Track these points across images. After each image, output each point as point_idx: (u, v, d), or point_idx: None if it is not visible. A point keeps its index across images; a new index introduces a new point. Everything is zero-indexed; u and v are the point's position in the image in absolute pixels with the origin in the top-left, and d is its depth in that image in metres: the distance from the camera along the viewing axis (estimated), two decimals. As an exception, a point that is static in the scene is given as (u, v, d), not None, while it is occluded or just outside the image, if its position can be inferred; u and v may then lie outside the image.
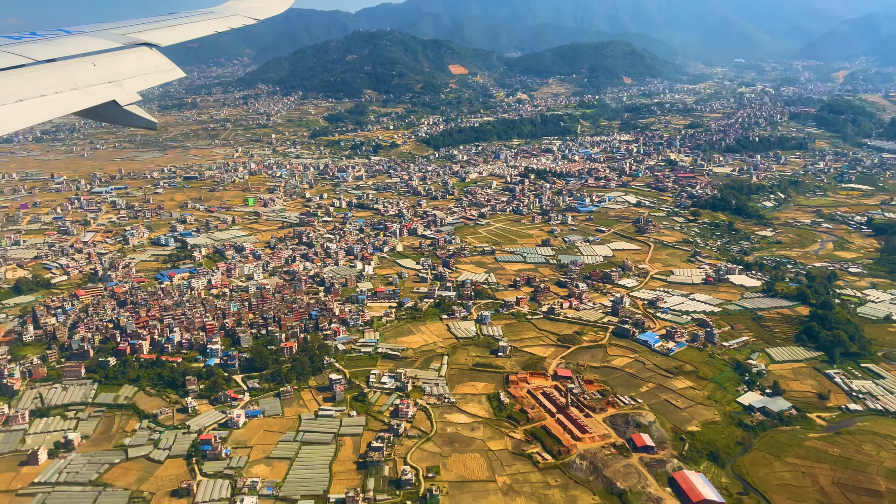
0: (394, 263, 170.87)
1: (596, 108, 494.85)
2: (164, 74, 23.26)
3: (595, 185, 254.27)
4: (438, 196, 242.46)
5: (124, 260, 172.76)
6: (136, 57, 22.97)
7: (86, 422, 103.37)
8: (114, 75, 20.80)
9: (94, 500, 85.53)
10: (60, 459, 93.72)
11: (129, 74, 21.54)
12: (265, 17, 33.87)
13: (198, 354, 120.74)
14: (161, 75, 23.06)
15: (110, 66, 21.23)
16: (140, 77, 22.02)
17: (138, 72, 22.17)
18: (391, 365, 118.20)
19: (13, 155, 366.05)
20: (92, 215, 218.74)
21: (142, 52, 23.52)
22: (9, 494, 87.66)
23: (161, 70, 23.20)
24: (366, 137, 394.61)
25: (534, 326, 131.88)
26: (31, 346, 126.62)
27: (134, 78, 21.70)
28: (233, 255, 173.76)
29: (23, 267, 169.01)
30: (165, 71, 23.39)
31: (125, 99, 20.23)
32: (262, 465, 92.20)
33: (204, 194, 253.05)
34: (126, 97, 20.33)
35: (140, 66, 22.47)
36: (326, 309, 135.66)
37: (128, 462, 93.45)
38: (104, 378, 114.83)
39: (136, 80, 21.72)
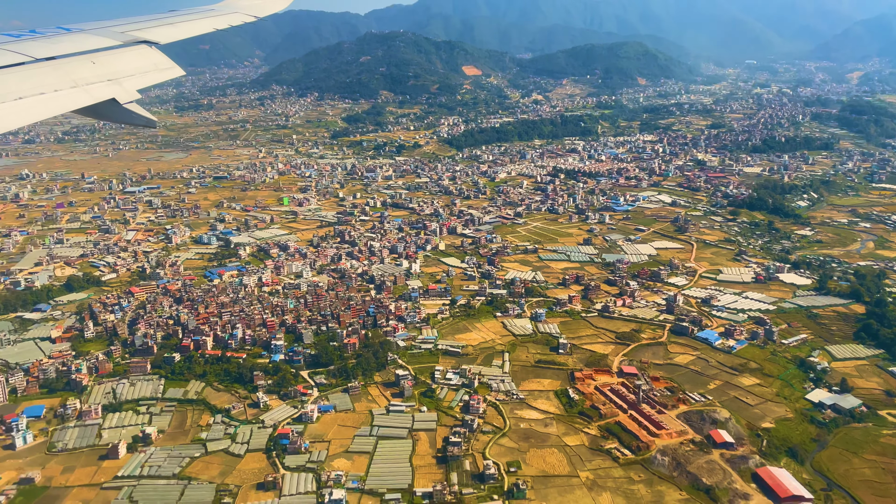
0: (438, 262, 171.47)
1: (614, 109, 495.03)
2: (164, 73, 23.17)
3: (626, 184, 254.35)
4: (471, 196, 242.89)
5: (170, 258, 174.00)
6: (135, 55, 22.89)
7: (159, 416, 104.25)
8: (113, 73, 20.73)
9: (180, 493, 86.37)
10: (140, 453, 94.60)
11: (128, 72, 21.47)
12: (265, 15, 33.92)
13: (261, 350, 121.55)
14: (161, 73, 22.98)
15: (110, 64, 21.16)
16: (140, 75, 21.96)
17: (138, 70, 22.09)
18: (452, 361, 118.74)
19: (38, 155, 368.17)
20: (130, 214, 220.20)
21: (141, 50, 23.42)
22: (93, 488, 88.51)
23: (161, 68, 23.11)
24: (387, 138, 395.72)
25: (589, 324, 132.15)
26: (93, 342, 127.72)
27: (133, 76, 21.61)
28: (278, 253, 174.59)
29: (71, 265, 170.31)
30: (165, 69, 23.29)
31: (125, 97, 20.14)
32: (342, 458, 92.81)
33: (236, 194, 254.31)
34: (125, 95, 20.24)
35: (140, 65, 22.40)
36: (382, 306, 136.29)
37: (208, 456, 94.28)
38: (170, 374, 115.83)
39: (135, 78, 21.64)
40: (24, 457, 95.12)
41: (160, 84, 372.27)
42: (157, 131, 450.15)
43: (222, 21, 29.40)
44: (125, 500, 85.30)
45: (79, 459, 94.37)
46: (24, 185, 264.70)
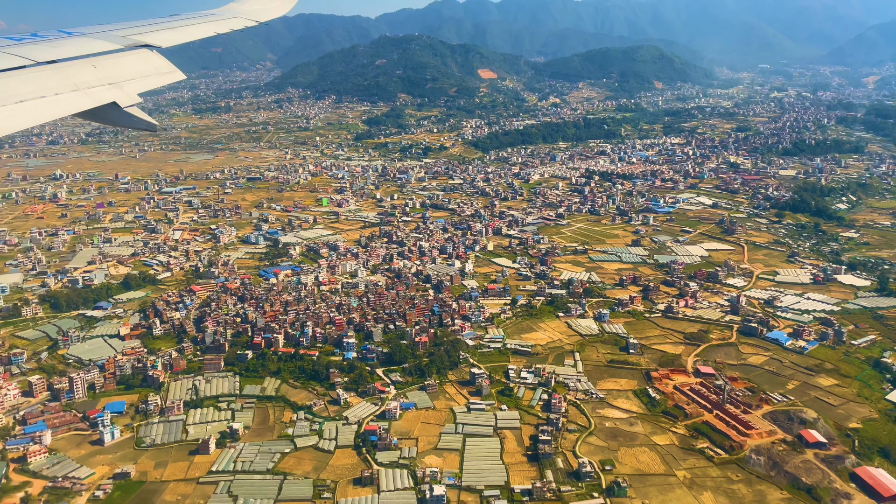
0: (489, 262, 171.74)
1: (634, 112, 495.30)
2: (165, 76, 23.16)
3: (662, 186, 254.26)
4: (508, 197, 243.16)
5: (221, 257, 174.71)
6: (136, 59, 22.94)
7: (241, 413, 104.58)
8: (114, 77, 20.73)
9: (278, 488, 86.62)
10: (230, 449, 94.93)
11: (129, 76, 21.48)
12: (266, 20, 33.98)
13: (333, 348, 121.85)
14: (161, 77, 22.97)
15: (111, 67, 21.15)
16: (140, 79, 21.96)
17: (139, 74, 22.09)
18: (523, 361, 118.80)
19: (65, 156, 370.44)
20: (172, 214, 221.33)
21: (142, 53, 23.49)
22: (189, 483, 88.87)
23: (161, 72, 23.12)
24: (412, 140, 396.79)
25: (655, 325, 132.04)
26: (162, 339, 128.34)
27: (134, 80, 21.61)
28: (329, 253, 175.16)
29: (124, 263, 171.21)
30: (166, 73, 23.28)
31: (125, 101, 20.15)
32: (433, 455, 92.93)
33: (273, 194, 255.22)
34: (126, 99, 20.24)
35: (140, 68, 22.44)
36: (446, 305, 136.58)
37: (297, 452, 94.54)
38: (244, 371, 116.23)
39: (136, 81, 21.65)
40: (113, 452, 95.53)
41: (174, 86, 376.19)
42: (180, 133, 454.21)
43: (223, 25, 29.65)
44: (224, 495, 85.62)
45: (169, 454, 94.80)
46: (60, 185, 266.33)
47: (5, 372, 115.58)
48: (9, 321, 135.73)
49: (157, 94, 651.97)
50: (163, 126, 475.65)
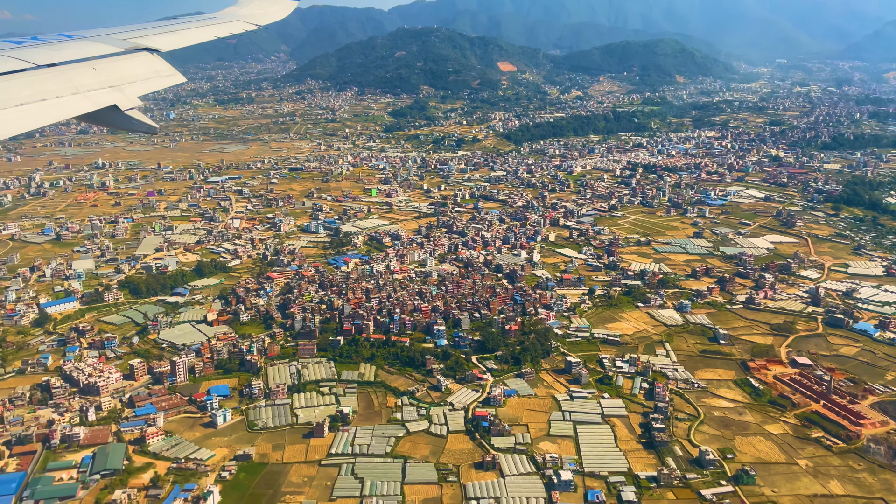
0: (553, 252, 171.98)
1: (661, 106, 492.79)
2: (166, 79, 23.18)
3: (708, 179, 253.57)
4: (556, 188, 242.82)
5: (285, 246, 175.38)
6: (137, 62, 22.96)
7: (345, 398, 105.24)
8: (115, 80, 20.75)
9: (401, 471, 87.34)
10: (343, 432, 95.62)
11: (129, 79, 21.51)
12: (266, 24, 33.84)
13: (423, 335, 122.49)
14: (162, 80, 22.98)
15: (111, 70, 21.17)
16: (141, 82, 21.99)
17: (139, 77, 22.13)
18: (613, 350, 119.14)
19: (98, 145, 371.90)
20: (225, 203, 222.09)
21: (143, 57, 23.47)
22: (311, 465, 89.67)
23: (162, 75, 23.14)
24: (442, 132, 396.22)
25: (738, 316, 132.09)
26: (248, 325, 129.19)
27: (135, 83, 21.63)
28: (393, 242, 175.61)
29: (191, 251, 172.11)
30: (167, 76, 23.30)
31: (126, 104, 20.13)
32: (547, 441, 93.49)
33: (319, 184, 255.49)
34: (127, 102, 20.24)
35: (141, 72, 22.46)
36: (527, 294, 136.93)
37: (410, 436, 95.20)
38: (338, 357, 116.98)
39: (136, 84, 21.65)
40: (227, 434, 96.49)
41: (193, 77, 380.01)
42: (208, 123, 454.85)
43: (223, 29, 29.63)
44: (349, 477, 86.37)
45: (284, 437, 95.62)
46: (105, 174, 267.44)
47: (101, 356, 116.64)
48: (92, 306, 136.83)
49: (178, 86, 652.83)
50: (189, 117, 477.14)
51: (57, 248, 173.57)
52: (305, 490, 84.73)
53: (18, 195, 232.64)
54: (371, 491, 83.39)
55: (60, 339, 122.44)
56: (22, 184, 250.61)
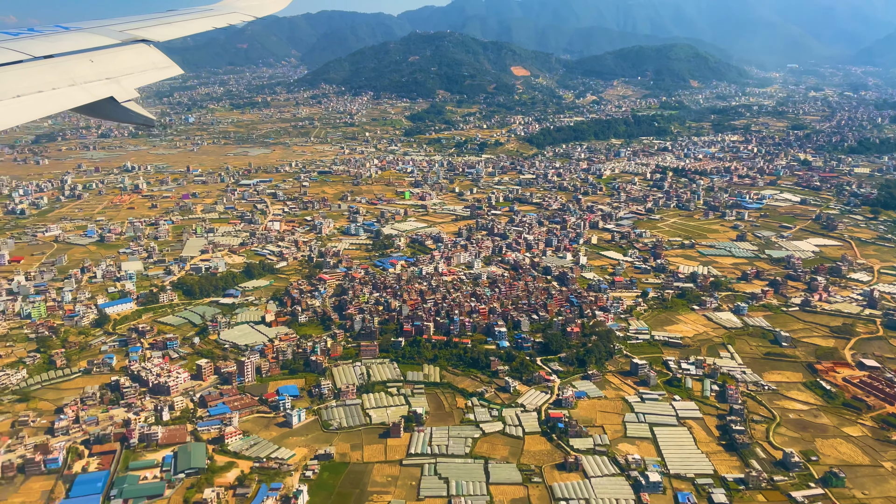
0: (597, 255, 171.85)
1: (679, 110, 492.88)
2: (162, 71, 23.05)
3: (740, 182, 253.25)
4: (588, 192, 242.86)
5: (329, 248, 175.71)
6: (133, 54, 22.85)
7: (414, 398, 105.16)
8: (111, 72, 20.64)
9: (484, 471, 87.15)
10: (418, 433, 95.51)
11: (126, 71, 21.41)
12: (263, 15, 33.86)
13: (483, 337, 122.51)
14: (159, 72, 22.87)
15: (108, 62, 21.06)
16: (138, 74, 21.88)
17: (136, 69, 22.02)
18: (675, 352, 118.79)
19: (122, 149, 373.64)
20: (261, 205, 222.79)
21: (140, 48, 23.36)
22: (393, 465, 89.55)
23: (159, 67, 23.02)
24: (463, 136, 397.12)
25: (795, 318, 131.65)
26: (307, 325, 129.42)
27: (132, 74, 21.53)
28: (436, 244, 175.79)
29: (236, 253, 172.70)
30: (163, 68, 23.17)
31: (123, 95, 20.06)
32: (625, 443, 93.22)
33: (350, 187, 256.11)
34: (124, 94, 20.15)
35: (138, 63, 22.36)
36: (582, 296, 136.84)
37: (486, 437, 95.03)
38: (400, 358, 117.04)
39: (133, 76, 21.54)
40: (303, 434, 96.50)
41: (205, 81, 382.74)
42: (227, 127, 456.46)
43: (220, 20, 29.53)
44: (433, 477, 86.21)
45: (360, 437, 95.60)
46: (137, 177, 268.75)
47: (165, 356, 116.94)
48: (148, 307, 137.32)
49: (191, 90, 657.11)
50: (208, 121, 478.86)
51: (102, 250, 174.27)
52: (391, 490, 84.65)
53: (54, 198, 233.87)
54: (457, 491, 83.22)
55: (121, 339, 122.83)
56: (55, 186, 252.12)
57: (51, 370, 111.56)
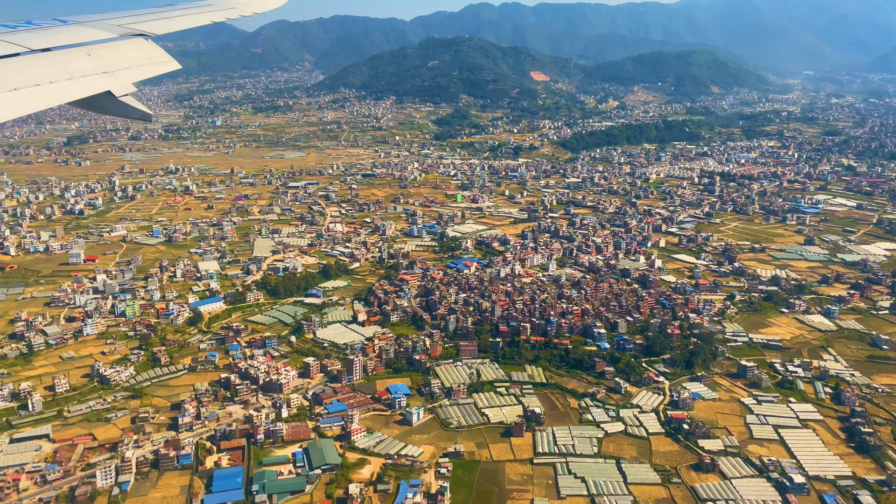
0: (668, 258, 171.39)
1: (705, 116, 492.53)
2: (160, 66, 22.85)
3: (790, 187, 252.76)
4: (640, 195, 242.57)
5: (398, 249, 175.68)
6: (131, 48, 22.72)
7: (525, 398, 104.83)
8: (109, 66, 20.51)
9: (618, 470, 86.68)
10: (539, 432, 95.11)
11: (124, 65, 21.24)
12: (262, 11, 33.46)
13: (581, 338, 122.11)
14: (157, 67, 22.67)
15: (106, 56, 20.90)
16: (135, 68, 21.71)
17: (134, 63, 21.83)
18: (776, 355, 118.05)
19: (157, 151, 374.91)
20: (316, 207, 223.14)
21: (138, 43, 23.24)
22: (522, 463, 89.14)
23: (157, 62, 22.85)
24: (495, 140, 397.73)
25: (887, 321, 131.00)
26: (398, 325, 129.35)
27: (129, 69, 21.35)
28: (505, 246, 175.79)
29: (307, 254, 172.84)
30: (161, 63, 22.99)
31: (120, 90, 19.90)
32: (754, 445, 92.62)
33: (397, 190, 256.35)
34: (121, 88, 20.01)
35: (136, 58, 22.21)
36: (672, 298, 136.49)
37: (610, 437, 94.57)
38: (500, 358, 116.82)
39: (131, 71, 21.36)
40: (424, 432, 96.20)
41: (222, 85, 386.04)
42: (255, 130, 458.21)
43: (220, 15, 29.47)
44: (568, 476, 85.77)
45: (482, 436, 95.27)
46: (184, 179, 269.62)
47: (266, 354, 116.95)
48: (236, 306, 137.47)
49: (210, 93, 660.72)
50: (235, 124, 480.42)
51: (172, 250, 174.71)
52: (529, 488, 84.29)
53: (107, 198, 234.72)
54: (597, 490, 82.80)
55: (218, 337, 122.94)
56: (104, 187, 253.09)
57: (156, 367, 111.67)
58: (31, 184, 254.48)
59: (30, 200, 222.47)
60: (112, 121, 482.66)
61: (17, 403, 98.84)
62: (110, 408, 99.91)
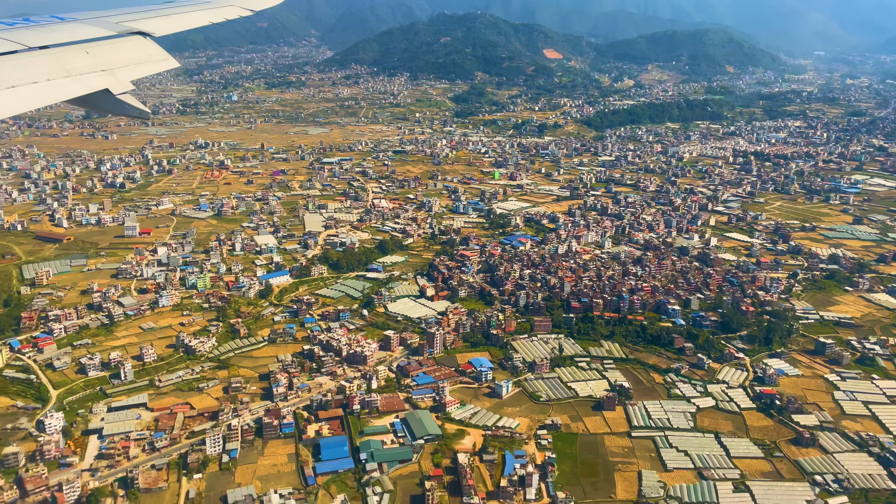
0: (722, 236, 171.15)
1: (724, 95, 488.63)
2: (158, 64, 22.84)
3: (826, 167, 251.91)
4: (678, 174, 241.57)
5: (447, 225, 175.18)
6: (129, 46, 22.64)
7: (608, 373, 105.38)
8: (107, 64, 20.46)
9: (717, 444, 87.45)
10: (630, 406, 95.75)
11: (122, 63, 21.16)
12: (261, 9, 33.20)
13: (654, 315, 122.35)
14: (155, 65, 22.62)
15: (104, 54, 20.86)
16: (133, 66, 21.62)
17: (132, 61, 21.77)
18: (851, 332, 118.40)
19: (179, 126, 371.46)
20: (356, 183, 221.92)
21: (136, 41, 23.17)
22: (620, 436, 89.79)
23: (155, 60, 22.82)
24: (517, 118, 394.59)
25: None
26: (466, 300, 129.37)
27: (127, 67, 21.27)
28: (555, 224, 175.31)
29: (358, 229, 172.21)
30: (159, 61, 23.00)
31: (118, 88, 19.85)
32: (847, 420, 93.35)
33: (430, 167, 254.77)
34: (119, 86, 19.96)
35: (133, 56, 22.14)
36: (737, 276, 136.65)
37: (702, 412, 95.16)
38: (576, 333, 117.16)
39: (129, 69, 21.29)
40: (514, 405, 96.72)
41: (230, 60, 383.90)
42: (273, 106, 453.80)
43: (218, 14, 29.17)
44: (670, 449, 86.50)
45: (572, 409, 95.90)
46: (216, 153, 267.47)
47: (342, 327, 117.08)
48: (302, 279, 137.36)
49: (219, 68, 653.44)
50: (251, 99, 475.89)
51: (223, 224, 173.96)
52: (633, 460, 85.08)
53: (144, 172, 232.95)
54: (703, 463, 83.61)
55: (290, 310, 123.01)
56: (137, 161, 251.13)
57: (236, 339, 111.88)
58: (63, 157, 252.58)
59: (67, 173, 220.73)
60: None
61: (109, 373, 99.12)
62: (200, 378, 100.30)
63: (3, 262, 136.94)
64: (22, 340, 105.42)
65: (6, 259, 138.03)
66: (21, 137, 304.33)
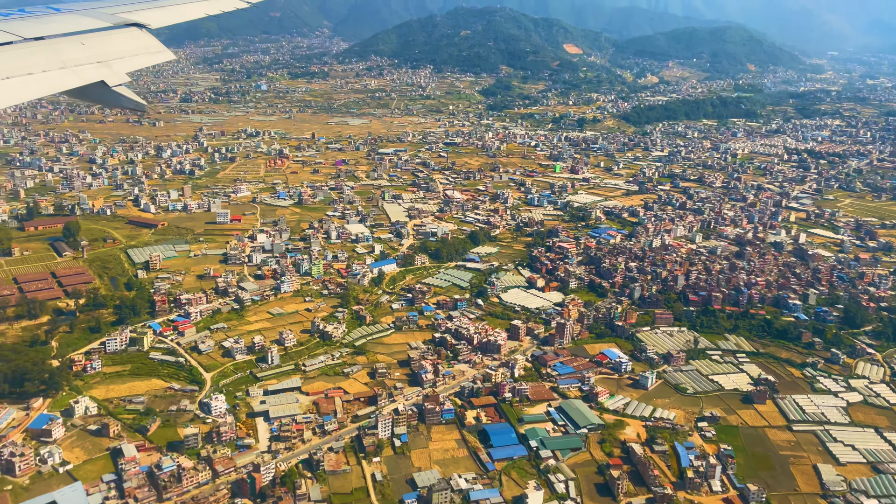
0: (805, 232, 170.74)
1: (753, 94, 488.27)
2: (154, 56, 22.74)
3: (880, 165, 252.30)
4: (738, 171, 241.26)
5: (525, 217, 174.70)
6: (125, 37, 22.58)
7: (744, 366, 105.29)
8: (103, 55, 20.44)
9: (882, 439, 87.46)
10: (780, 399, 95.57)
11: (118, 55, 21.15)
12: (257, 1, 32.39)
13: (774, 309, 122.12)
14: (150, 57, 22.55)
15: (99, 46, 20.84)
16: (129, 58, 21.60)
17: (127, 53, 21.73)
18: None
19: (216, 114, 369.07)
20: (420, 174, 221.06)
21: (132, 32, 23.08)
22: (781, 429, 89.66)
23: (151, 51, 22.72)
24: (553, 112, 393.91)
25: None
26: (576, 291, 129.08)
27: (123, 59, 21.25)
28: (640, 217, 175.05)
29: (441, 219, 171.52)
30: (155, 53, 22.89)
31: (114, 80, 19.76)
32: None
33: (485, 159, 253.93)
34: (115, 78, 19.88)
35: (129, 47, 22.09)
36: (843, 271, 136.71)
37: (854, 406, 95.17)
38: (698, 326, 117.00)
39: (125, 60, 21.27)
40: (660, 396, 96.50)
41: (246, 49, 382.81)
42: (303, 96, 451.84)
43: (214, 6, 28.94)
44: (837, 443, 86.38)
45: (721, 401, 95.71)
46: (271, 143, 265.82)
47: (463, 315, 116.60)
48: (408, 268, 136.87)
49: (237, 57, 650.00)
50: (280, 89, 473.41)
51: (307, 212, 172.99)
52: (802, 453, 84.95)
53: (207, 159, 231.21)
54: (874, 458, 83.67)
55: (404, 298, 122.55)
56: (193, 148, 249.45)
57: (362, 325, 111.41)
58: (119, 142, 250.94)
59: (132, 160, 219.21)
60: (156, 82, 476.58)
61: (254, 356, 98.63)
62: (342, 363, 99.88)
63: (107, 245, 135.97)
64: (161, 323, 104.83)
65: (109, 243, 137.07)
66: (67, 123, 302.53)
